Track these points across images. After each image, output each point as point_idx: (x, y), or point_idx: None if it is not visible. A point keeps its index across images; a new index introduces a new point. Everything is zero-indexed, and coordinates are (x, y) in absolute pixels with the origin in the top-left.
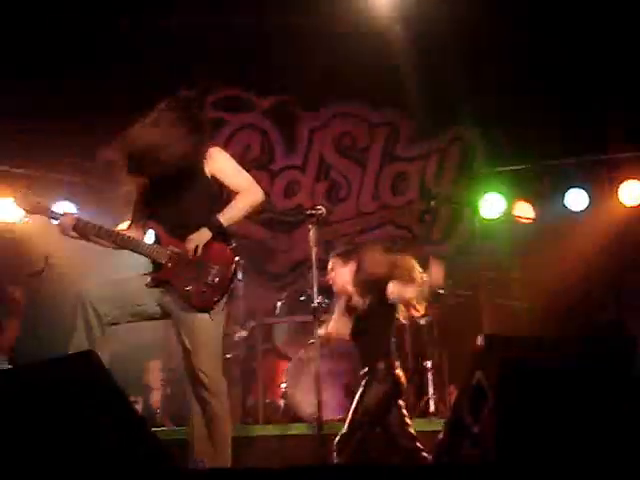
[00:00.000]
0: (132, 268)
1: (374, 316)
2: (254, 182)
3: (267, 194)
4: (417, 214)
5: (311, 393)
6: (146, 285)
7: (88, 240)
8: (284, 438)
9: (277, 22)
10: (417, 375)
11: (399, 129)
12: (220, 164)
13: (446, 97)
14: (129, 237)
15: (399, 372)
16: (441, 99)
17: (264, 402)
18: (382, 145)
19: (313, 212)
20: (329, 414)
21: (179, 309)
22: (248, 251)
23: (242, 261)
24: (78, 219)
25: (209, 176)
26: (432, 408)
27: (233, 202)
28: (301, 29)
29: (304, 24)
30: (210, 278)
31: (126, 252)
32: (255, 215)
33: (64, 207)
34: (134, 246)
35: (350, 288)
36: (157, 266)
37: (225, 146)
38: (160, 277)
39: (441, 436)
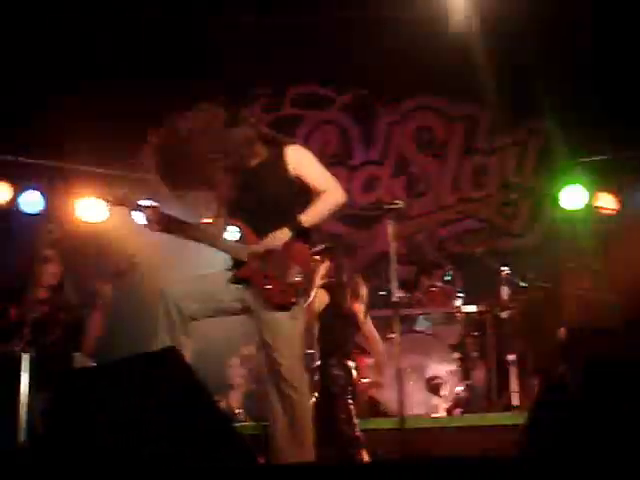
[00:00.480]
0: (213, 265)
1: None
2: (337, 182)
3: (346, 190)
4: (497, 207)
5: (393, 388)
6: (228, 281)
7: (171, 233)
8: (367, 432)
9: (356, 17)
10: (500, 369)
11: (478, 122)
12: (303, 163)
13: (525, 89)
14: (212, 233)
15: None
16: (520, 91)
17: None
18: (461, 138)
19: (392, 207)
20: (411, 408)
21: (260, 306)
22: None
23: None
24: (162, 212)
25: (292, 175)
26: (515, 402)
27: (316, 202)
28: (379, 24)
29: (382, 19)
30: (290, 277)
31: (207, 249)
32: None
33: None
34: (216, 243)
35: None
36: (238, 263)
37: (304, 142)
38: (241, 274)
39: (523, 429)
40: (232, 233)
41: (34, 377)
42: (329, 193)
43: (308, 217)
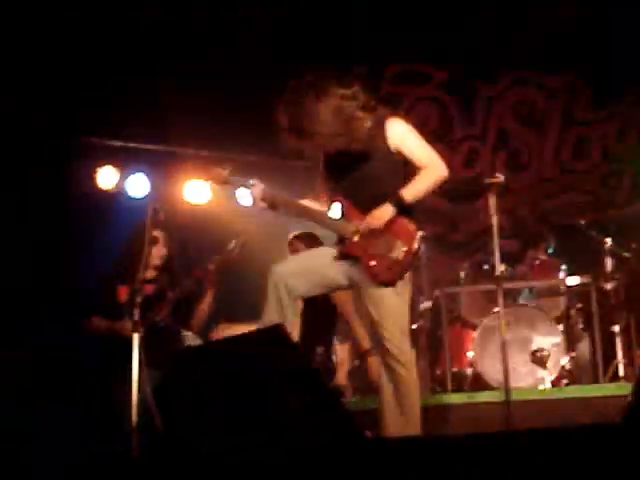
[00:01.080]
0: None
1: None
2: (438, 158)
3: (447, 166)
4: (600, 178)
5: (498, 361)
6: (333, 258)
7: (276, 210)
8: (472, 406)
9: None
10: (605, 340)
11: (578, 93)
12: (405, 139)
13: (625, 58)
14: (315, 210)
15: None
16: (620, 60)
17: (451, 371)
18: (561, 110)
19: (493, 181)
20: (516, 381)
21: (365, 281)
22: (431, 222)
23: (424, 233)
24: (267, 189)
25: (394, 151)
26: (621, 372)
27: (417, 178)
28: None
29: None
30: (394, 254)
31: (312, 228)
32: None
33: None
34: (319, 219)
35: None
36: (342, 240)
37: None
38: (345, 251)
39: (629, 399)
40: (334, 210)
41: (144, 356)
42: (431, 168)
43: (410, 193)
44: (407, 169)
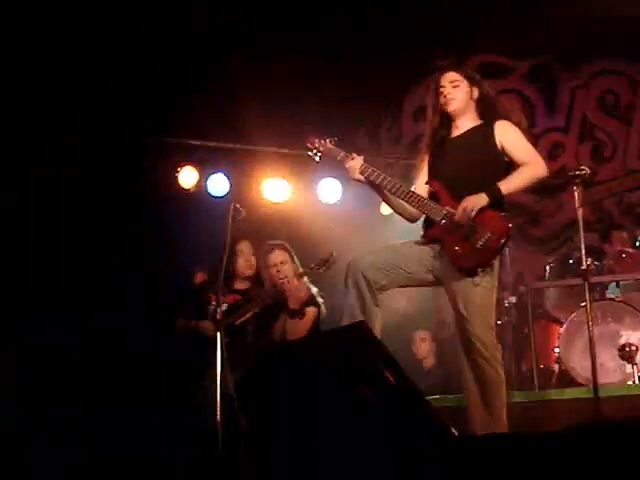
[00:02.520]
0: (402, 237)
1: None
2: (539, 157)
3: None
4: None
5: (586, 357)
6: (417, 243)
7: (371, 185)
8: (560, 402)
9: None
10: None
11: None
12: (509, 138)
13: None
14: (409, 190)
15: None
16: None
17: (538, 367)
18: None
19: (577, 173)
20: (605, 377)
21: (451, 275)
22: (515, 216)
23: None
24: (365, 164)
25: (498, 147)
26: None
27: (516, 172)
28: None
29: None
30: (480, 243)
31: (397, 222)
32: None
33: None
34: (412, 199)
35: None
36: (430, 223)
37: None
38: (432, 234)
39: None
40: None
41: (228, 355)
42: (530, 166)
43: (507, 185)
44: (508, 167)
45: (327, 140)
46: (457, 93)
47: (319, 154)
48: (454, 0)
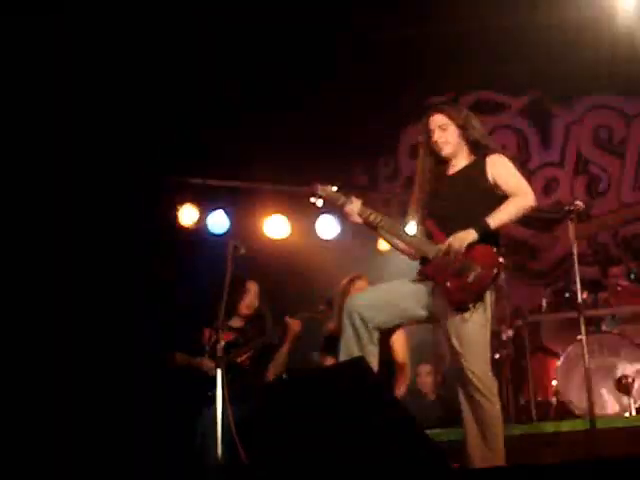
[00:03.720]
0: (399, 275)
1: None
2: (528, 187)
3: None
4: None
5: (583, 389)
6: (412, 281)
7: (369, 226)
8: (557, 435)
9: (523, 21)
10: None
11: None
12: (501, 172)
13: None
14: (403, 230)
15: None
16: None
17: (536, 400)
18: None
19: (572, 207)
20: (602, 409)
21: (444, 312)
22: (511, 250)
23: (504, 261)
24: (363, 207)
25: (490, 182)
26: None
27: (504, 205)
28: (550, 26)
29: (553, 20)
30: (470, 278)
31: (394, 258)
32: None
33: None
34: (407, 239)
35: None
36: (424, 261)
37: None
38: (425, 271)
39: None
40: (412, 230)
41: (227, 392)
42: (517, 197)
43: (495, 219)
44: (500, 200)
45: (328, 186)
46: (447, 136)
47: (321, 200)
48: (451, 37)
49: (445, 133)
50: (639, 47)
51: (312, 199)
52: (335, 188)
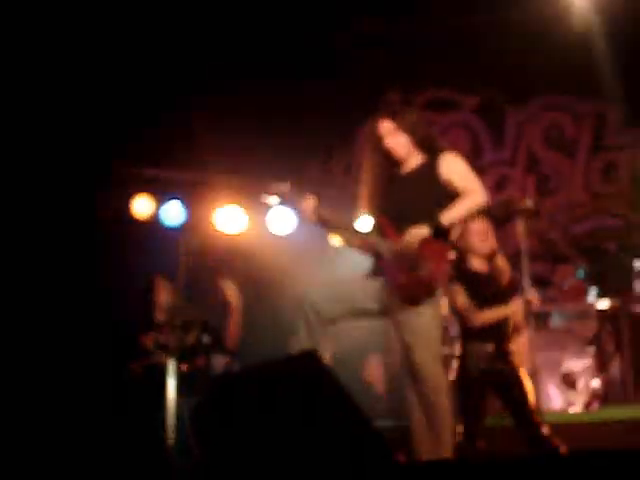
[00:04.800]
0: (353, 269)
1: None
2: (480, 185)
3: None
4: (629, 202)
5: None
6: (365, 276)
7: (323, 225)
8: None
9: (481, 20)
10: (636, 362)
11: (607, 118)
12: (454, 170)
13: None
14: (356, 227)
15: None
16: None
17: None
18: (590, 135)
19: (523, 205)
20: (548, 404)
21: (396, 307)
22: None
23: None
24: (317, 205)
25: (443, 180)
26: None
27: (456, 203)
28: (505, 25)
29: (508, 20)
30: (422, 274)
31: (348, 254)
32: None
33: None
34: (361, 236)
35: None
36: (377, 257)
37: None
38: (378, 267)
39: None
40: (366, 226)
41: (180, 383)
42: (469, 195)
43: (447, 216)
44: (452, 198)
45: (283, 185)
46: (397, 140)
47: (275, 198)
48: (405, 35)
49: (394, 138)
50: (592, 47)
51: (266, 197)
52: (289, 186)
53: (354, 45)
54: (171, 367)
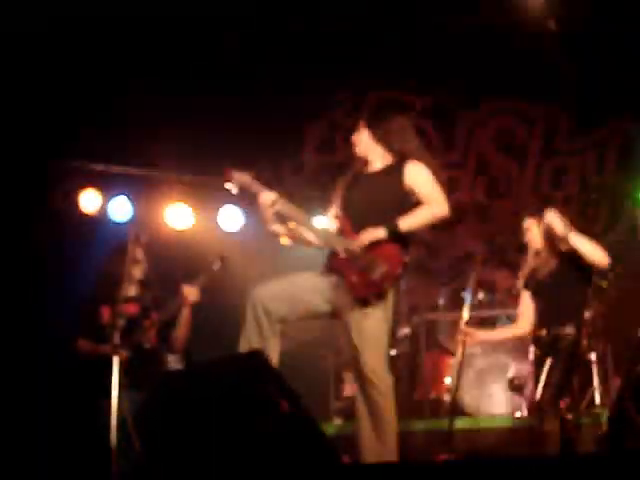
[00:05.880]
0: (304, 268)
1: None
2: (443, 198)
3: None
4: (578, 208)
5: (475, 387)
6: (318, 275)
7: (281, 218)
8: (446, 433)
9: (434, 23)
10: (582, 367)
11: (558, 123)
12: (418, 179)
13: (606, 89)
14: (314, 224)
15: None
16: (601, 91)
17: (429, 397)
18: (541, 140)
19: (472, 208)
20: (494, 408)
21: (347, 307)
22: (412, 248)
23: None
24: (278, 198)
25: (406, 187)
26: (597, 400)
27: (417, 210)
28: (458, 28)
29: (461, 23)
30: (375, 275)
31: (298, 252)
32: None
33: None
34: (317, 232)
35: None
36: (332, 255)
37: None
38: (333, 265)
39: (604, 428)
40: (324, 224)
41: (128, 378)
42: (430, 205)
43: (405, 222)
44: (414, 206)
45: (244, 173)
46: (358, 137)
47: (236, 186)
48: (357, 35)
49: (357, 135)
50: (546, 52)
51: (227, 185)
52: (250, 176)
53: (303, 44)
54: (115, 362)
